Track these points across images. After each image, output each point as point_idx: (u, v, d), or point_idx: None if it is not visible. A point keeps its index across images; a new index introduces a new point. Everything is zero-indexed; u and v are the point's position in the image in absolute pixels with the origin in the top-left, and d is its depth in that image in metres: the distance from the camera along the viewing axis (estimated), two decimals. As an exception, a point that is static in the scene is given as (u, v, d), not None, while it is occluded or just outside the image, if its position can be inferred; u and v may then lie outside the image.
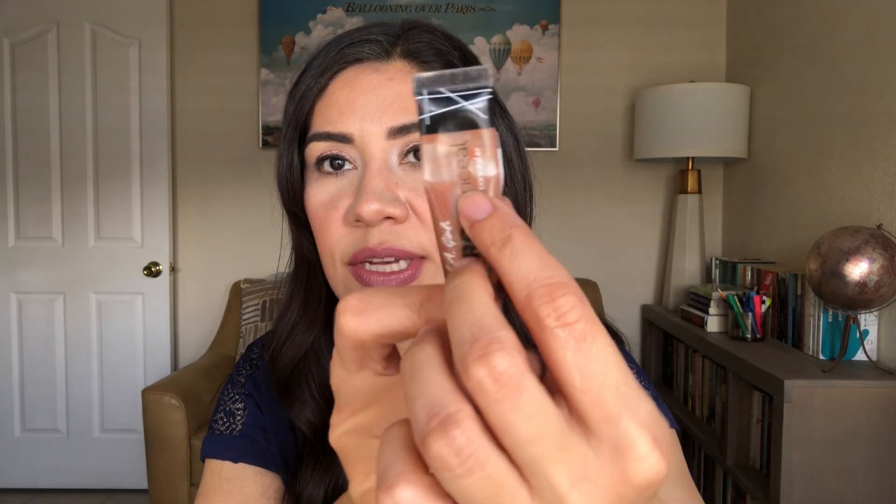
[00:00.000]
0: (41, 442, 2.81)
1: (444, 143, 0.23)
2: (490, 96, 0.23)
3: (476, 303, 0.20)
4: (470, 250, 0.24)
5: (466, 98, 0.23)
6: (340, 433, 0.26)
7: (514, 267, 0.20)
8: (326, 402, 0.61)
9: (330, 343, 0.63)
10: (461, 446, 0.18)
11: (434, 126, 0.23)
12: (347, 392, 0.26)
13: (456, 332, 0.19)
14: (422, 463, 0.20)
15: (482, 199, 0.22)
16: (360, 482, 0.25)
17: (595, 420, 0.19)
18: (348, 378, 0.26)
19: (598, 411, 0.18)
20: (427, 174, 0.23)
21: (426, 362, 0.20)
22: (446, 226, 0.24)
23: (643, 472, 0.18)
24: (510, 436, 0.18)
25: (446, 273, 0.24)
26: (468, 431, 0.18)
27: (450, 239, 0.24)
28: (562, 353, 0.19)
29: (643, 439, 0.18)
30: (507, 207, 0.22)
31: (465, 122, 0.23)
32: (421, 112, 0.23)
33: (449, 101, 0.23)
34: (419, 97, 0.23)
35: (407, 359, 0.21)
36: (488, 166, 0.23)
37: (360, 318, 0.24)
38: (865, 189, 1.84)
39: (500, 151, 0.23)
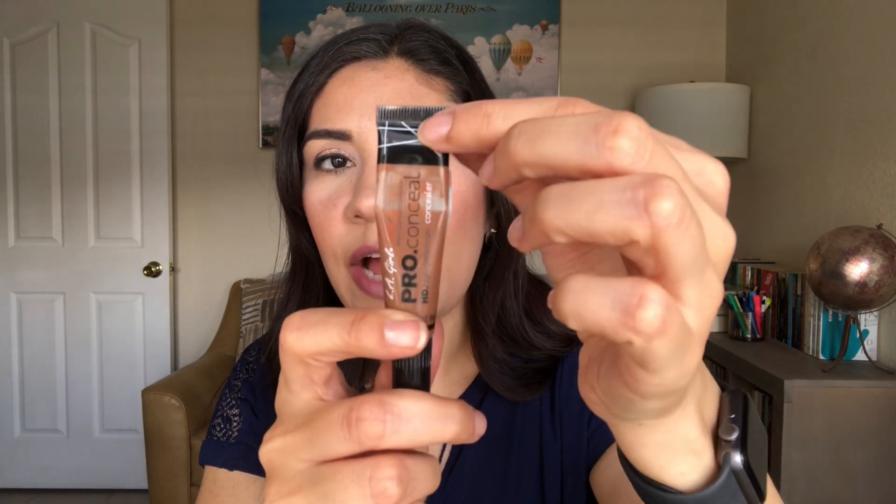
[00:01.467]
0: (41, 442, 2.81)
1: (398, 174, 0.24)
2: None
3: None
4: (409, 279, 0.25)
5: None
6: (269, 449, 0.26)
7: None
8: None
9: None
10: (685, 204, 0.19)
11: (391, 156, 0.24)
12: (286, 413, 0.27)
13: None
14: None
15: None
16: (271, 501, 0.26)
17: None
18: (289, 399, 0.26)
19: None
20: (379, 200, 0.24)
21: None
22: (389, 252, 0.25)
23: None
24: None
25: (386, 299, 0.25)
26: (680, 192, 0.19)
27: (391, 265, 0.25)
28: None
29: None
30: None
31: (421, 157, 0.24)
32: (380, 141, 0.24)
33: (409, 135, 0.24)
34: (381, 127, 0.24)
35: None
36: (437, 201, 0.24)
37: (296, 333, 0.25)
38: (865, 189, 1.84)
39: (451, 190, 0.25)
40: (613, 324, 0.19)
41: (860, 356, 1.68)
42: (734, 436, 0.28)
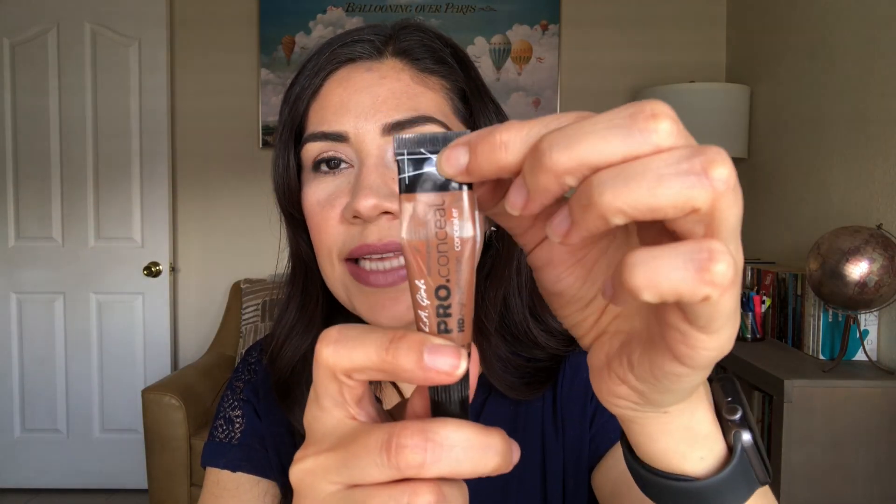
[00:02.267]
0: (41, 442, 2.81)
1: (422, 203, 0.23)
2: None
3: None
4: (444, 310, 0.24)
5: None
6: (299, 469, 0.26)
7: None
8: None
9: None
10: (734, 168, 0.20)
11: (413, 185, 0.23)
12: (317, 431, 0.26)
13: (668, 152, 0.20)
14: None
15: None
16: None
17: None
18: (320, 416, 0.26)
19: None
20: (404, 232, 0.23)
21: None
22: (421, 284, 0.24)
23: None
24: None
25: (420, 330, 0.24)
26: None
27: (424, 297, 0.24)
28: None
29: None
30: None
31: (444, 184, 0.23)
32: (400, 171, 0.23)
33: (429, 161, 0.23)
34: (399, 157, 0.23)
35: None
36: (465, 227, 0.23)
37: (333, 347, 0.24)
38: (865, 189, 1.84)
39: (477, 213, 0.24)
40: (690, 283, 0.19)
41: (860, 356, 1.68)
42: (738, 415, 0.29)
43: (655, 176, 0.19)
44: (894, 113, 1.73)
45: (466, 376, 0.25)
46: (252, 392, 0.69)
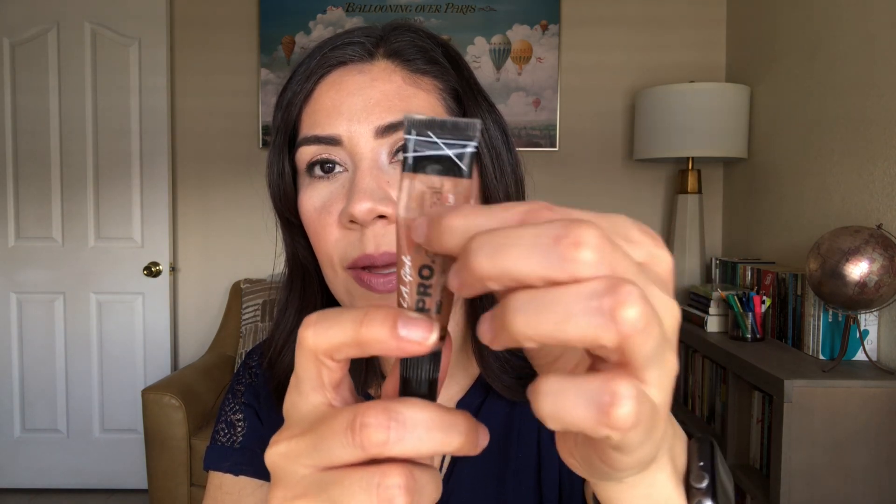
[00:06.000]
0: (41, 442, 2.81)
1: (420, 183, 0.24)
2: (474, 150, 0.24)
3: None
4: (424, 288, 0.25)
5: (451, 146, 0.24)
6: (273, 452, 0.26)
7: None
8: None
9: None
10: (647, 306, 0.20)
11: (415, 165, 0.24)
12: (293, 416, 0.27)
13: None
14: None
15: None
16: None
17: None
18: (298, 402, 0.26)
19: None
20: (401, 208, 0.24)
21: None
22: (407, 260, 0.25)
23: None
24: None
25: (400, 306, 0.25)
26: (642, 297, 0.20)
27: (408, 273, 0.25)
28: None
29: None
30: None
31: (445, 169, 0.24)
32: (406, 150, 0.24)
33: (435, 145, 0.24)
34: (408, 136, 0.24)
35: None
36: None
37: (313, 329, 0.25)
38: (865, 189, 1.84)
39: (473, 202, 0.24)
40: (590, 423, 0.20)
41: (860, 356, 1.68)
42: (705, 483, 0.30)
43: (564, 311, 0.19)
44: (894, 113, 1.73)
45: (437, 357, 0.26)
46: (253, 396, 0.69)
